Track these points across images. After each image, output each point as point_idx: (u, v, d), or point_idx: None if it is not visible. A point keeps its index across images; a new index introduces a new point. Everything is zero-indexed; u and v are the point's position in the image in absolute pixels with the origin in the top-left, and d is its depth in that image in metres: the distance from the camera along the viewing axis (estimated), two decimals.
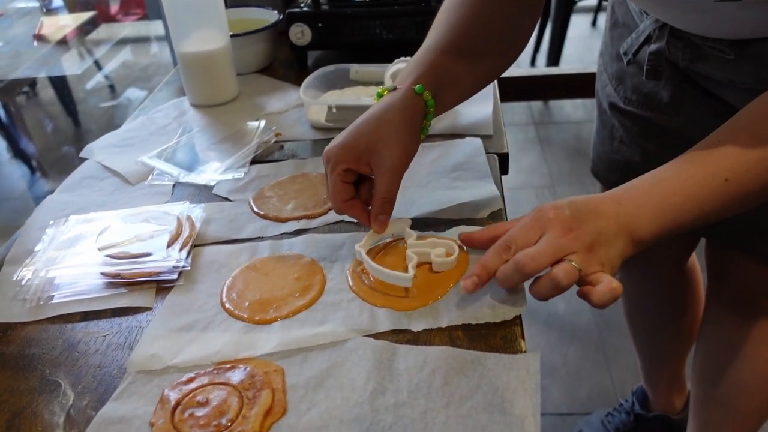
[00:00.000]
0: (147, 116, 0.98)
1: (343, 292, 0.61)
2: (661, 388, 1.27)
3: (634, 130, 0.88)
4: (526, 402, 0.48)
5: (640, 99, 0.84)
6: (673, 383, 1.26)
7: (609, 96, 0.90)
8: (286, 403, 0.50)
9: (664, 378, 1.25)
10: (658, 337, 1.19)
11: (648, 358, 1.25)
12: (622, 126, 0.90)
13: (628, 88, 0.86)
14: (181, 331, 0.58)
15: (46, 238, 0.70)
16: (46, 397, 0.53)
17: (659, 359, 1.23)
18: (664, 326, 1.17)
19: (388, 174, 0.62)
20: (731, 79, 0.71)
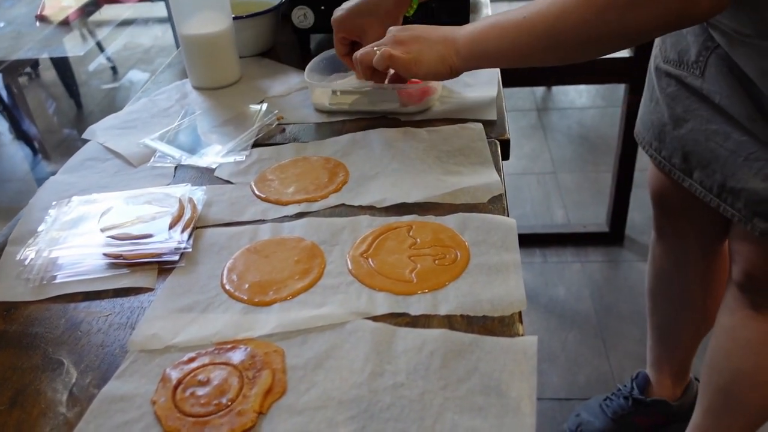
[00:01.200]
0: (149, 98, 0.98)
1: (343, 275, 0.61)
2: (665, 372, 1.27)
3: (667, 91, 0.91)
4: (522, 385, 0.49)
5: (675, 57, 0.88)
6: (679, 368, 1.26)
7: (655, 57, 0.96)
8: (286, 383, 0.50)
9: (671, 361, 1.26)
10: (677, 316, 1.19)
11: (661, 336, 1.25)
12: (659, 87, 0.93)
13: (668, 46, 0.89)
14: (182, 311, 0.58)
15: (48, 218, 0.71)
16: (49, 375, 0.53)
17: (672, 340, 1.23)
18: (685, 306, 1.17)
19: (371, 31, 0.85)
20: (735, 28, 0.72)
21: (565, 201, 2.09)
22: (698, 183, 0.88)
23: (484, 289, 0.58)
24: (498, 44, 0.73)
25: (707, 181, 0.86)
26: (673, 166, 0.93)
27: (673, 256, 1.14)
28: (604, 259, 1.85)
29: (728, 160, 0.82)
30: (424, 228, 0.65)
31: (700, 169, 0.87)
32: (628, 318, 1.65)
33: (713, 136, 0.84)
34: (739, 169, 0.81)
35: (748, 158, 0.79)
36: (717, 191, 0.85)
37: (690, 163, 0.89)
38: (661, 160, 0.96)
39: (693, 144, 0.88)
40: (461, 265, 0.61)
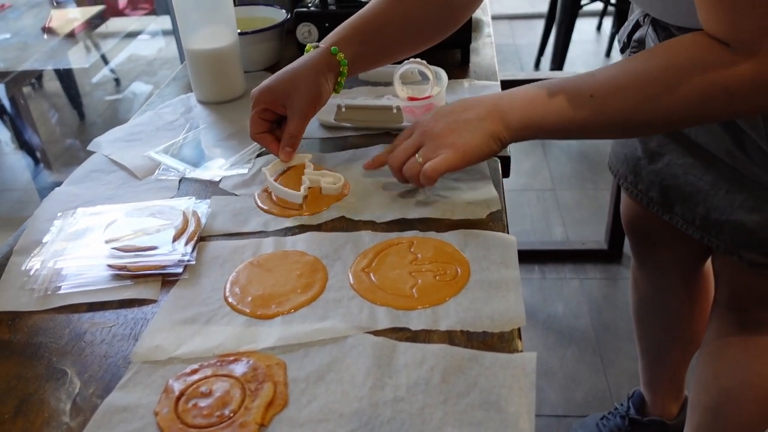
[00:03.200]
0: (154, 111, 0.99)
1: (344, 289, 0.62)
2: (659, 392, 1.28)
3: None
4: (521, 400, 0.49)
5: None
6: (672, 388, 1.27)
7: None
8: (288, 396, 0.51)
9: (664, 381, 1.26)
10: (664, 338, 1.20)
11: (651, 360, 1.25)
12: None
13: None
14: (185, 323, 0.59)
15: (54, 229, 0.72)
16: (53, 385, 0.54)
17: (662, 362, 1.24)
18: (672, 328, 1.18)
19: (297, 115, 0.77)
20: None
21: (564, 218, 2.10)
22: (680, 216, 0.89)
23: (484, 305, 0.58)
24: (558, 118, 0.66)
25: (689, 214, 0.87)
26: (651, 200, 0.93)
27: (654, 282, 1.15)
28: (602, 276, 1.86)
29: (709, 193, 0.82)
30: (425, 244, 0.66)
31: (681, 202, 0.88)
32: (625, 335, 1.65)
33: (691, 169, 0.84)
34: (721, 202, 0.81)
35: (729, 191, 0.80)
36: (700, 223, 0.85)
37: (669, 196, 0.90)
38: (638, 193, 0.96)
39: (671, 178, 0.88)
40: (462, 281, 0.61)
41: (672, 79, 0.61)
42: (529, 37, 3.54)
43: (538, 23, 3.21)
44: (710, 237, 0.85)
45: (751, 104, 0.62)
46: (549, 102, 0.66)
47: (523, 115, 0.68)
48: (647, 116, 0.64)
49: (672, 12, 0.73)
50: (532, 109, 0.67)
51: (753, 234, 0.79)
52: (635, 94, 0.63)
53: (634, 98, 0.63)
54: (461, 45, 1.06)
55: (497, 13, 3.83)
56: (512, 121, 0.68)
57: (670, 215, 0.90)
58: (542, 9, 3.15)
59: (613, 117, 0.65)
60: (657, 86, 0.62)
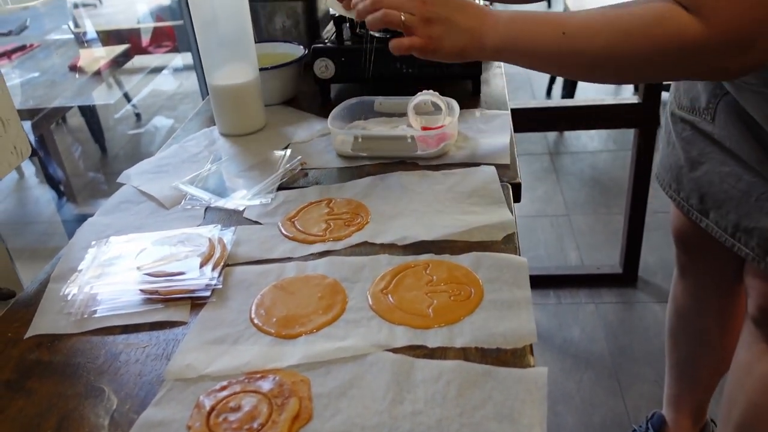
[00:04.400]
0: (179, 144, 1.04)
1: (364, 310, 0.65)
2: (682, 411, 1.28)
3: (682, 135, 0.96)
4: (534, 412, 0.52)
5: (688, 104, 0.93)
6: (696, 408, 1.27)
7: (670, 103, 1.01)
8: (312, 410, 0.54)
9: (689, 399, 1.27)
10: (696, 353, 1.21)
11: (679, 374, 1.26)
12: (675, 131, 0.98)
13: (681, 93, 0.95)
14: (214, 343, 0.62)
15: (88, 257, 0.76)
16: (92, 402, 0.57)
17: (689, 377, 1.25)
18: (704, 344, 1.19)
19: None
20: (742, 78, 0.77)
21: (579, 243, 2.12)
22: (714, 223, 0.92)
23: (497, 324, 0.61)
24: (531, 46, 0.73)
25: (722, 221, 0.90)
26: (691, 207, 0.97)
27: (693, 293, 1.17)
28: (617, 300, 1.87)
29: (741, 201, 0.86)
30: (440, 266, 0.69)
31: (716, 209, 0.91)
32: (642, 359, 1.66)
33: (726, 177, 0.88)
34: (751, 209, 0.85)
35: (759, 198, 0.83)
36: (731, 231, 0.89)
37: (706, 203, 0.93)
38: (680, 200, 1.00)
39: (708, 185, 0.92)
40: (475, 301, 0.64)
41: (635, 29, 0.66)
42: None
43: None
44: (740, 244, 0.88)
45: (701, 65, 0.65)
46: (527, 31, 0.73)
47: (504, 35, 0.73)
48: (608, 60, 0.69)
49: None
50: (511, 32, 0.73)
51: None
52: (601, 38, 0.68)
53: (599, 42, 0.68)
54: (472, 77, 1.10)
55: None
56: (492, 39, 0.74)
57: (706, 222, 0.94)
58: None
59: (578, 56, 0.70)
60: (621, 34, 0.67)
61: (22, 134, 0.84)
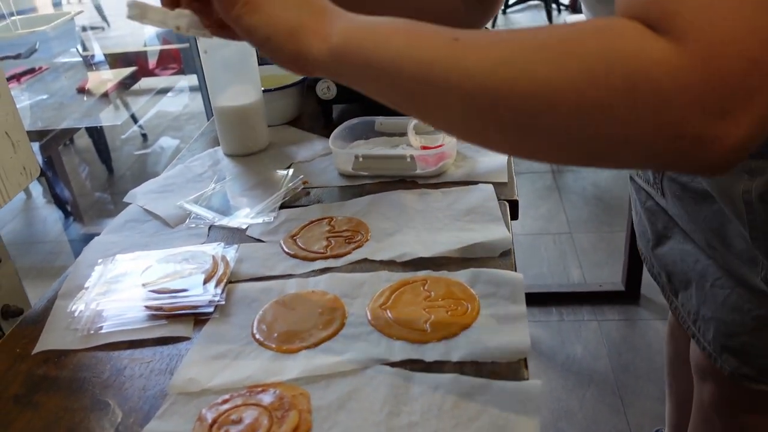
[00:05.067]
0: (184, 165, 1.06)
1: (363, 325, 0.66)
2: None
3: (646, 205, 0.89)
4: (527, 423, 0.53)
5: (642, 173, 0.87)
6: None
7: (630, 170, 0.90)
8: (311, 423, 0.55)
9: None
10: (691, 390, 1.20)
11: (679, 403, 1.25)
12: (638, 199, 0.91)
13: None
14: (216, 358, 0.64)
15: (95, 274, 0.78)
16: (97, 415, 0.59)
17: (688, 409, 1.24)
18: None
19: None
20: None
21: (581, 260, 2.13)
22: (681, 306, 0.84)
23: (493, 338, 0.62)
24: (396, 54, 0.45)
25: (687, 305, 0.82)
26: (663, 285, 0.89)
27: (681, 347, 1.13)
28: (620, 317, 1.87)
29: (699, 285, 0.78)
30: (438, 282, 0.71)
31: (682, 290, 0.82)
32: (645, 376, 1.66)
33: (686, 257, 0.80)
34: (708, 296, 0.76)
35: (714, 284, 0.75)
36: (693, 318, 0.81)
37: (674, 283, 0.85)
38: (654, 275, 0.91)
39: (672, 264, 0.83)
40: (472, 316, 0.66)
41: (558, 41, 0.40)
42: None
43: None
44: (699, 335, 0.80)
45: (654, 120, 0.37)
46: (397, 30, 0.46)
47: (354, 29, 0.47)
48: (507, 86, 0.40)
49: None
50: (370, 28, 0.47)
51: (733, 337, 0.74)
52: (510, 50, 0.41)
53: (506, 53, 0.41)
54: None
55: None
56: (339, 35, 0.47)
57: (676, 304, 0.85)
58: None
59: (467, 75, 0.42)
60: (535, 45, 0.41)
61: (31, 155, 0.86)
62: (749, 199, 0.64)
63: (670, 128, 0.36)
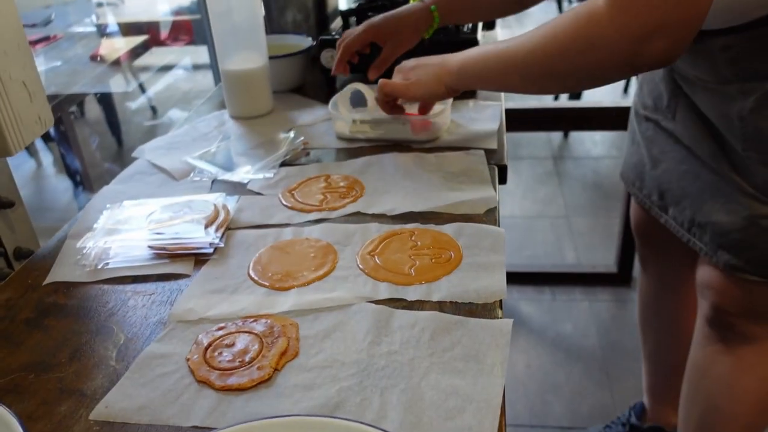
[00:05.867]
0: (191, 125, 1.11)
1: (352, 269, 0.71)
2: (659, 399, 1.33)
3: (646, 135, 1.01)
4: (497, 354, 0.58)
5: (651, 103, 0.98)
6: (672, 395, 1.31)
7: (635, 104, 1.07)
8: (299, 349, 0.60)
9: (664, 387, 1.31)
10: (663, 341, 1.26)
11: (652, 364, 1.31)
12: (639, 130, 1.04)
13: (645, 94, 1.00)
14: (214, 293, 0.69)
15: (103, 217, 0.82)
16: (102, 338, 0.64)
17: (661, 365, 1.29)
18: (670, 333, 1.24)
19: (391, 50, 1.03)
20: (697, 75, 0.82)
21: (576, 243, 2.17)
22: (672, 219, 0.98)
23: (472, 282, 0.67)
24: (482, 70, 0.83)
25: (679, 216, 0.95)
26: (652, 203, 1.03)
27: (655, 285, 1.22)
28: (611, 298, 1.92)
29: (697, 197, 0.91)
30: (424, 233, 0.75)
31: (674, 205, 0.97)
32: (632, 354, 1.71)
33: (685, 175, 0.93)
34: (705, 206, 0.89)
35: (714, 195, 0.88)
36: (687, 226, 0.94)
37: (665, 200, 0.99)
38: (642, 198, 1.05)
39: (667, 183, 0.97)
40: (454, 263, 0.70)
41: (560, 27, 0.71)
42: None
43: None
44: (694, 239, 0.93)
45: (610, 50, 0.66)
46: (477, 57, 0.84)
47: (461, 68, 0.86)
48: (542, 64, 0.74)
49: None
50: (466, 63, 0.86)
51: (727, 235, 0.87)
52: (531, 43, 0.75)
53: (530, 46, 0.75)
54: None
55: None
56: (453, 72, 0.87)
57: (666, 218, 0.99)
58: None
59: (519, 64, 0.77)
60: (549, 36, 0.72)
61: (47, 106, 0.91)
62: (743, 114, 0.79)
63: (614, 56, 0.67)
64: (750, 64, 0.76)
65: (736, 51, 0.75)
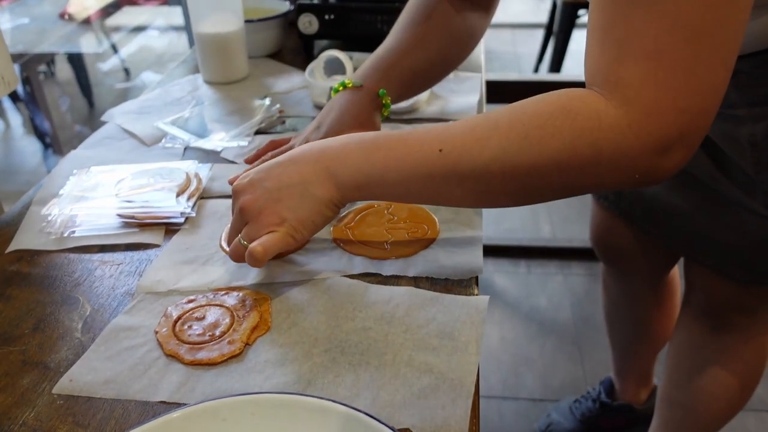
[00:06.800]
0: (163, 89, 1.07)
1: (326, 242, 0.70)
2: (628, 381, 1.35)
3: None
4: (472, 332, 0.57)
5: None
6: (641, 377, 1.34)
7: None
8: (270, 323, 0.59)
9: (633, 373, 1.33)
10: (633, 338, 1.27)
11: (620, 353, 1.32)
12: None
13: None
14: (184, 263, 0.67)
15: (69, 183, 0.80)
16: (67, 308, 0.62)
17: (630, 356, 1.31)
18: (640, 330, 1.24)
19: None
20: None
21: (553, 217, 2.18)
22: (663, 235, 0.94)
23: (449, 258, 0.66)
24: (399, 177, 0.57)
25: (674, 234, 0.91)
26: (634, 218, 0.98)
27: (623, 288, 1.21)
28: (586, 272, 1.93)
29: (693, 215, 0.86)
30: (400, 207, 0.74)
31: (664, 222, 0.92)
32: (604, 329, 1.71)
33: (674, 190, 0.88)
34: (706, 223, 0.85)
35: (713, 213, 0.84)
36: (685, 243, 0.90)
37: (651, 216, 0.94)
38: (621, 211, 1.01)
39: (652, 198, 0.93)
40: (431, 238, 0.69)
41: (536, 129, 0.52)
42: (530, 45, 3.63)
43: (540, 33, 3.30)
44: (697, 255, 0.90)
45: (617, 169, 0.51)
46: (388, 156, 0.57)
47: (358, 172, 0.58)
48: (504, 174, 0.53)
49: None
50: (367, 165, 0.57)
51: (739, 254, 0.84)
52: (492, 146, 0.53)
53: (490, 151, 0.53)
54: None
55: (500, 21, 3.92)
56: (344, 181, 0.58)
57: (652, 234, 0.95)
58: (544, 19, 3.23)
59: (465, 174, 0.55)
60: (517, 137, 0.52)
61: (10, 65, 0.87)
62: (755, 141, 0.74)
63: (628, 170, 0.51)
64: (756, 90, 0.73)
65: (743, 77, 0.70)
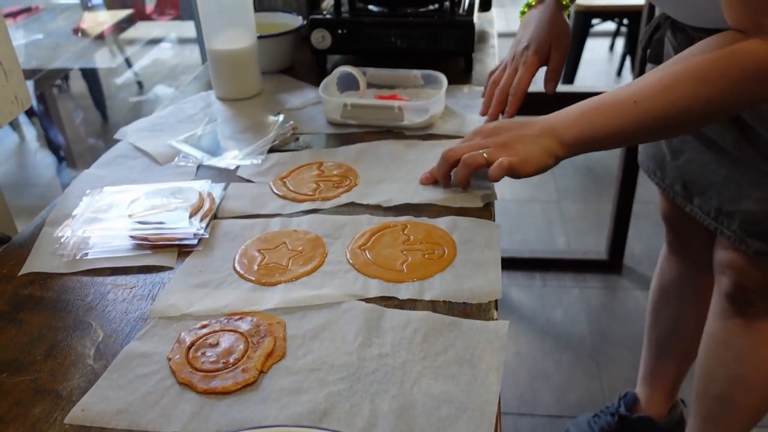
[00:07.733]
0: (176, 106, 1.07)
1: (342, 264, 0.68)
2: (656, 388, 1.32)
3: None
4: (492, 359, 0.55)
5: None
6: (670, 384, 1.31)
7: None
8: (286, 349, 0.58)
9: (663, 377, 1.31)
10: (675, 331, 1.26)
11: (654, 352, 1.30)
12: None
13: None
14: (197, 287, 0.66)
15: (82, 204, 0.79)
16: (79, 334, 0.61)
17: (667, 355, 1.29)
18: (691, 315, 1.23)
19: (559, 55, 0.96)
20: None
21: (567, 229, 2.16)
22: (698, 208, 0.97)
23: (466, 280, 0.65)
24: (606, 129, 0.72)
25: (705, 206, 0.95)
26: (676, 193, 1.02)
27: (678, 270, 1.21)
28: (601, 285, 1.91)
29: (722, 187, 0.90)
30: (417, 227, 0.73)
31: (699, 195, 0.96)
32: (621, 343, 1.70)
33: (707, 164, 0.92)
34: (732, 194, 0.89)
35: (740, 183, 0.87)
36: (714, 215, 0.93)
37: (689, 190, 0.98)
38: (665, 187, 1.04)
39: (690, 173, 0.96)
40: (448, 259, 0.68)
41: (709, 72, 0.66)
42: None
43: None
44: (722, 227, 0.92)
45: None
46: (597, 116, 0.72)
47: (577, 131, 0.73)
48: (688, 112, 0.68)
49: (689, 13, 0.81)
50: (582, 124, 0.73)
51: (759, 223, 0.86)
52: (674, 93, 0.67)
53: (673, 97, 0.67)
54: (464, 54, 1.13)
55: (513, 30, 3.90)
56: (566, 138, 0.73)
57: (691, 207, 0.99)
58: None
59: (657, 118, 0.69)
60: (697, 83, 0.66)
61: (23, 85, 0.87)
62: None
63: None
64: None
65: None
